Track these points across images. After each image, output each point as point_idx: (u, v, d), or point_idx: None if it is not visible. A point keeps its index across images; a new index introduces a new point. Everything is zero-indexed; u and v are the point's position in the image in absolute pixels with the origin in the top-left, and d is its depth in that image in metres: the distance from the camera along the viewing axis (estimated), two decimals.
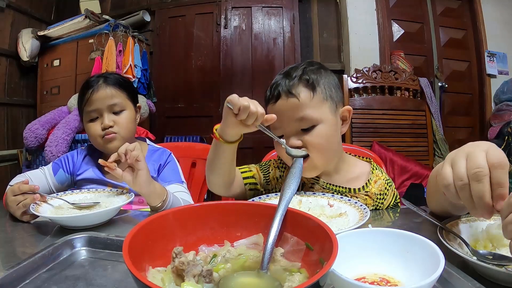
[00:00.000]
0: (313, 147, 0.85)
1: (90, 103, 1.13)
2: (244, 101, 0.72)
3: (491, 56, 3.30)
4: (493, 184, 0.48)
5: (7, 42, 2.96)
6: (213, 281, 0.42)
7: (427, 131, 3.01)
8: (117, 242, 0.65)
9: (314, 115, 0.85)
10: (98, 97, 1.12)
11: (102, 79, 1.15)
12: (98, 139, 1.13)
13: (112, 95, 1.14)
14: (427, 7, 3.36)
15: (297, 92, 0.85)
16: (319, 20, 3.41)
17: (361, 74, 3.01)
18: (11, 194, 0.85)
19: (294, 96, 0.85)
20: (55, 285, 0.54)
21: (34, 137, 2.49)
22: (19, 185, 0.85)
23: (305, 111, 0.84)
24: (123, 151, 0.88)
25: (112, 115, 1.14)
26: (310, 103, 0.85)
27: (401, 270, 0.48)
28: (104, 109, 1.13)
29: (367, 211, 0.72)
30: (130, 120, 1.17)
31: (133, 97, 1.22)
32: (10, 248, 0.71)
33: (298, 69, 0.89)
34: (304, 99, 0.85)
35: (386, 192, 0.95)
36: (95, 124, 1.14)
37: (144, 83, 2.99)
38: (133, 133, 1.22)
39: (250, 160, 1.17)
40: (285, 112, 0.85)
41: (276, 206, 0.51)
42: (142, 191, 0.90)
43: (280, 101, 0.86)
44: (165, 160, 1.21)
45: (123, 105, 1.16)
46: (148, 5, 3.43)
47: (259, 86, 3.23)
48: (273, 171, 1.00)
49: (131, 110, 1.19)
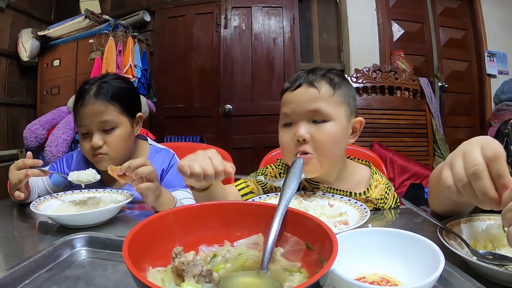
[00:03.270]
0: (319, 142, 0.84)
1: (79, 118, 1.04)
2: (196, 167, 0.68)
3: (491, 56, 3.30)
4: (493, 177, 0.49)
5: (7, 42, 2.96)
6: (213, 281, 0.42)
7: (427, 131, 3.01)
8: (117, 242, 0.65)
9: (329, 111, 0.84)
10: (86, 113, 1.02)
11: (95, 89, 1.04)
12: (89, 156, 1.07)
13: (101, 111, 1.02)
14: (427, 7, 3.36)
15: (319, 85, 0.85)
16: (319, 20, 3.41)
17: (361, 74, 3.01)
18: (14, 169, 0.89)
19: (315, 88, 0.85)
20: (55, 285, 0.54)
21: (34, 137, 2.49)
22: (23, 159, 0.89)
23: (322, 104, 0.84)
24: (125, 168, 0.84)
25: (103, 133, 1.04)
26: (328, 99, 0.85)
27: (401, 270, 0.48)
28: (93, 127, 1.03)
29: (367, 211, 0.72)
30: (122, 139, 1.06)
31: (130, 109, 1.10)
32: (10, 248, 0.71)
33: (322, 69, 0.90)
34: (323, 93, 0.85)
35: (386, 196, 0.95)
36: (86, 141, 1.05)
37: (144, 83, 2.99)
38: (127, 151, 1.11)
39: (250, 160, 1.17)
40: (302, 100, 0.85)
41: (276, 206, 0.51)
42: (151, 204, 0.89)
43: (301, 89, 0.86)
44: (168, 164, 1.16)
45: (114, 122, 1.04)
46: (148, 5, 3.43)
47: (259, 86, 3.23)
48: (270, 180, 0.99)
49: (125, 126, 1.07)
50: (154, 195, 0.87)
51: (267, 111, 3.16)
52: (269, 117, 3.15)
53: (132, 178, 0.84)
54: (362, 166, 1.02)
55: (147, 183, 0.85)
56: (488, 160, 0.49)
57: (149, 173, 0.85)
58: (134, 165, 0.84)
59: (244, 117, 3.20)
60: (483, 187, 0.49)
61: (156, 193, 0.88)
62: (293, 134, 0.84)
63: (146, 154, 1.19)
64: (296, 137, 0.83)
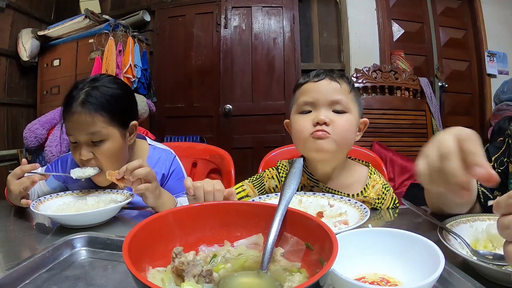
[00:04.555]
0: (338, 128, 0.89)
1: (66, 127, 0.97)
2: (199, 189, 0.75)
3: (491, 56, 3.30)
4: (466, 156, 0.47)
5: (7, 42, 2.96)
6: (213, 281, 0.42)
7: (427, 131, 3.01)
8: (117, 242, 0.65)
9: (348, 104, 0.91)
10: (73, 123, 0.95)
11: (82, 97, 0.95)
12: (80, 165, 1.00)
13: (87, 122, 0.93)
14: (427, 6, 3.36)
15: (340, 81, 0.92)
16: (319, 20, 3.41)
17: (361, 74, 3.01)
18: (14, 179, 0.85)
19: (337, 82, 0.91)
20: (55, 285, 0.54)
21: (34, 137, 2.49)
22: (21, 166, 0.85)
23: (343, 96, 0.91)
24: (123, 172, 0.84)
25: (91, 145, 0.95)
26: (347, 95, 0.92)
27: (401, 270, 0.48)
28: (80, 138, 0.95)
29: (367, 211, 0.72)
30: (111, 153, 0.97)
31: (122, 118, 1.01)
32: (10, 248, 0.71)
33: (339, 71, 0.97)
34: (344, 88, 0.92)
35: (383, 197, 0.96)
36: (75, 151, 0.97)
37: (144, 83, 2.99)
38: (121, 162, 0.99)
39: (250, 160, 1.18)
40: (324, 90, 0.90)
41: (276, 206, 0.51)
42: (152, 205, 0.89)
43: (323, 81, 0.92)
44: (168, 169, 1.13)
45: (103, 134, 0.95)
46: (148, 5, 3.43)
47: (259, 86, 3.23)
48: (267, 183, 1.02)
49: (115, 138, 0.98)
50: (153, 195, 0.87)
51: (267, 111, 3.16)
52: (269, 117, 3.15)
53: (131, 181, 0.84)
54: (361, 166, 1.03)
55: (145, 184, 0.85)
56: (460, 141, 0.48)
57: (146, 174, 0.85)
58: (131, 168, 0.83)
59: (244, 117, 3.20)
60: (452, 168, 0.47)
61: (155, 193, 0.88)
62: (312, 119, 0.89)
63: (145, 154, 1.15)
64: (317, 120, 0.88)
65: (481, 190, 0.79)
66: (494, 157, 0.81)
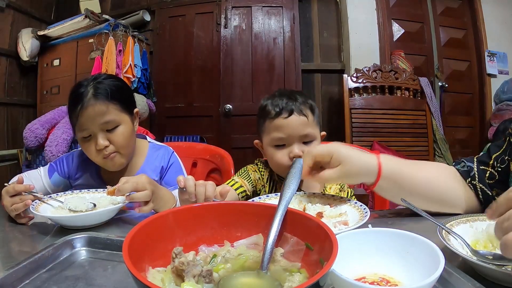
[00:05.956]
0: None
1: (80, 123, 1.01)
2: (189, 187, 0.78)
3: (491, 56, 3.30)
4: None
5: (7, 42, 2.96)
6: (213, 281, 0.42)
7: (427, 131, 3.01)
8: (117, 242, 0.65)
9: (314, 133, 1.04)
10: (87, 115, 1.00)
11: (92, 91, 1.01)
12: (96, 158, 1.05)
13: (103, 112, 1.01)
14: (427, 6, 3.36)
15: (306, 113, 1.02)
16: (319, 19, 3.41)
17: (361, 73, 3.01)
18: (7, 195, 0.83)
19: (304, 116, 1.02)
20: (55, 285, 0.54)
21: (34, 137, 2.49)
22: (14, 185, 0.83)
23: (310, 129, 1.03)
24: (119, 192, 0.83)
25: (106, 133, 1.02)
26: (312, 123, 1.04)
27: (401, 270, 0.48)
28: (95, 128, 1.01)
29: (367, 211, 0.72)
30: (127, 135, 1.06)
31: (128, 105, 1.10)
32: (10, 248, 0.71)
33: (298, 95, 1.05)
34: (310, 119, 1.03)
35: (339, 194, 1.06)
36: (90, 144, 1.03)
37: (144, 83, 2.99)
38: (133, 146, 1.11)
39: (250, 160, 1.19)
40: (295, 126, 1.01)
41: (276, 206, 0.51)
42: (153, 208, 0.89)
43: (293, 117, 1.01)
44: (167, 162, 1.16)
45: (117, 120, 1.03)
46: (148, 4, 3.43)
47: (259, 85, 3.23)
48: (252, 175, 1.13)
49: (127, 122, 1.07)
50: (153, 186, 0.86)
51: None
52: None
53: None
54: None
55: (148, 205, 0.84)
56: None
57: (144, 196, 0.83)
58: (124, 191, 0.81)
59: (244, 117, 3.20)
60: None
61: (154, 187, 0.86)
62: (287, 153, 1.01)
63: (145, 152, 1.19)
64: (293, 155, 0.99)
65: (480, 186, 0.79)
66: (494, 155, 0.81)
